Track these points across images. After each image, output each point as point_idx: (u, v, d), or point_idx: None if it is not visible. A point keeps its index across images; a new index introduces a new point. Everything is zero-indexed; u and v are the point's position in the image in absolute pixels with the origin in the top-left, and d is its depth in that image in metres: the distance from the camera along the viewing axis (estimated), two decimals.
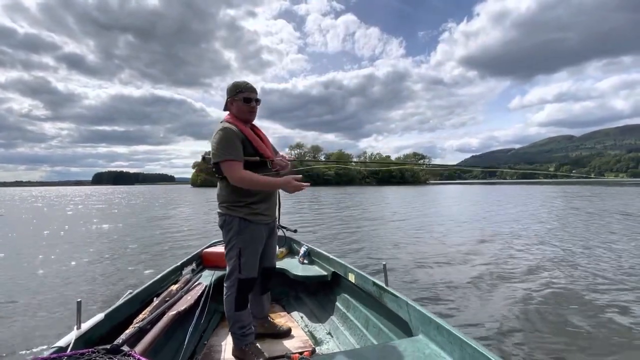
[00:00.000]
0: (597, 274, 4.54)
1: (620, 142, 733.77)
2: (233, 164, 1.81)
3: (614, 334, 2.86)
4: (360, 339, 2.16)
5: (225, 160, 1.81)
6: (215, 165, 1.87)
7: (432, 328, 1.57)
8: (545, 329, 2.92)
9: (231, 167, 1.81)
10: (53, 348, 1.35)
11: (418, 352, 1.47)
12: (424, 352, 1.47)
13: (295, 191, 1.87)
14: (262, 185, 1.85)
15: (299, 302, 2.94)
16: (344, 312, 2.47)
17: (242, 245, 1.91)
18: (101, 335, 1.64)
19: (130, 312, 1.92)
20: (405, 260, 5.30)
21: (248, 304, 2.02)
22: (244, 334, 1.98)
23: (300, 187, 1.87)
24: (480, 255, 5.65)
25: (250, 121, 2.02)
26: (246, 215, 1.90)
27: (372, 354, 1.49)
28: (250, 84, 1.97)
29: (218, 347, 2.18)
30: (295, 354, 1.95)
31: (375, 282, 2.13)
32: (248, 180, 1.81)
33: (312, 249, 3.25)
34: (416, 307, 1.72)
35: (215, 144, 1.83)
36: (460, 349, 1.37)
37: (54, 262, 5.94)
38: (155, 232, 9.33)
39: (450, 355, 1.43)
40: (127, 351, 1.29)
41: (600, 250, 6.14)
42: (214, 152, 1.84)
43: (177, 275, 2.74)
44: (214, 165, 1.88)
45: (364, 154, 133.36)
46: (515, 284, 4.08)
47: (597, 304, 3.49)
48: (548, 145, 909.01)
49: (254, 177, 1.82)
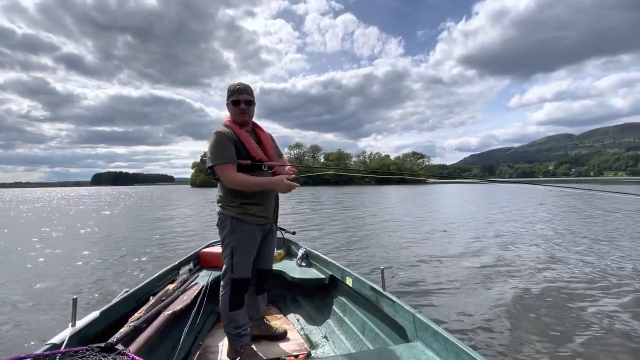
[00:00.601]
0: (598, 278, 4.51)
1: (619, 141, 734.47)
2: (225, 167, 1.86)
3: (614, 337, 2.84)
4: (356, 343, 2.14)
5: (218, 164, 1.86)
6: (210, 168, 1.91)
7: (428, 334, 1.55)
8: (545, 337, 2.87)
9: (223, 170, 1.86)
10: (47, 345, 1.35)
11: (414, 358, 1.46)
12: (419, 359, 1.46)
13: (287, 190, 1.91)
14: (254, 185, 1.89)
15: (296, 304, 2.93)
16: (341, 316, 2.45)
17: (234, 244, 1.93)
18: (96, 333, 1.64)
19: (125, 311, 1.92)
20: (403, 265, 5.26)
21: (243, 304, 2.02)
22: (239, 334, 1.98)
23: (292, 187, 1.90)
24: (479, 259, 5.57)
25: (245, 123, 2.03)
26: (238, 214, 1.92)
27: (368, 358, 1.48)
28: (239, 86, 1.98)
29: (213, 347, 2.18)
30: (290, 356, 1.96)
31: (372, 287, 2.11)
32: (239, 182, 1.86)
33: (310, 252, 3.24)
34: (413, 313, 1.70)
35: (209, 148, 1.89)
36: (457, 356, 1.35)
37: (51, 259, 5.95)
38: (153, 232, 9.32)
39: None
40: (121, 350, 1.28)
41: (603, 252, 6.15)
42: (208, 156, 1.91)
43: (174, 274, 2.74)
44: (209, 168, 1.93)
45: (363, 153, 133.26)
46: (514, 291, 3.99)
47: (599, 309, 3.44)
48: (547, 144, 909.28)
49: (245, 178, 1.86)
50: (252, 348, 1.99)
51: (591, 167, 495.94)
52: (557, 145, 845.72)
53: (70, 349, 1.21)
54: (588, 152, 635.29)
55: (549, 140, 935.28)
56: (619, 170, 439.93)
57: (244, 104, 1.96)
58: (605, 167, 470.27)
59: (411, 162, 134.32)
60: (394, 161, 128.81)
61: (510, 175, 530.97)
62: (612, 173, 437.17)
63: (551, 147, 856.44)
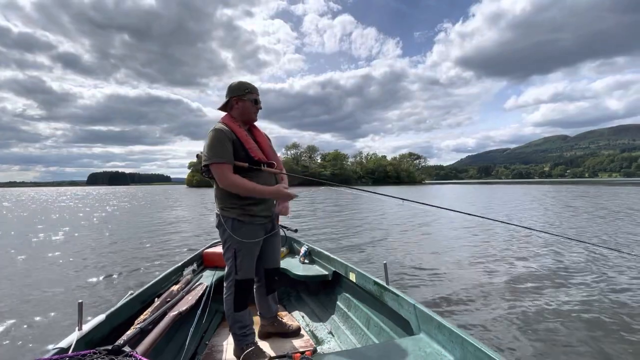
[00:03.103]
0: (599, 274, 4.55)
1: (613, 142, 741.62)
2: (221, 166, 1.80)
3: (615, 331, 2.86)
4: (362, 338, 2.15)
5: (214, 163, 1.80)
6: (205, 167, 1.85)
7: (433, 327, 1.57)
8: (548, 327, 2.92)
9: (220, 170, 1.80)
10: (55, 349, 1.34)
11: (419, 351, 1.47)
12: (425, 351, 1.46)
13: (287, 200, 1.91)
14: (251, 192, 1.84)
15: (300, 301, 2.93)
16: (345, 312, 2.46)
17: (236, 246, 1.90)
18: (102, 336, 1.62)
19: (131, 313, 1.91)
20: (405, 259, 5.31)
21: (248, 304, 2.01)
22: (245, 334, 1.97)
23: (291, 196, 1.90)
24: (481, 253, 5.67)
25: (253, 121, 2.04)
26: (239, 216, 1.89)
27: (374, 353, 1.48)
28: (253, 85, 2.01)
29: (219, 347, 2.17)
30: (296, 353, 1.94)
31: (376, 281, 2.13)
32: (233, 184, 1.80)
33: (312, 249, 3.24)
34: (417, 306, 1.71)
35: (205, 145, 1.83)
36: (462, 347, 1.37)
37: (55, 263, 5.88)
38: (153, 233, 9.27)
39: (452, 353, 1.43)
40: (128, 352, 1.27)
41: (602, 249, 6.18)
42: (204, 154, 1.84)
43: (178, 275, 2.73)
44: (204, 167, 1.85)
45: (359, 154, 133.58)
46: (517, 283, 4.08)
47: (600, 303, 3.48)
48: (543, 145, 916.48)
49: (242, 182, 1.81)
50: (258, 346, 1.98)
51: (586, 168, 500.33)
52: (553, 147, 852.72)
53: (78, 353, 1.19)
54: (583, 153, 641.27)
55: (545, 142, 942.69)
56: (614, 171, 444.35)
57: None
58: (600, 169, 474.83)
59: (408, 163, 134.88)
60: (390, 162, 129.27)
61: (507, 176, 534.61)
62: (607, 174, 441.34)
63: (547, 148, 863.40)
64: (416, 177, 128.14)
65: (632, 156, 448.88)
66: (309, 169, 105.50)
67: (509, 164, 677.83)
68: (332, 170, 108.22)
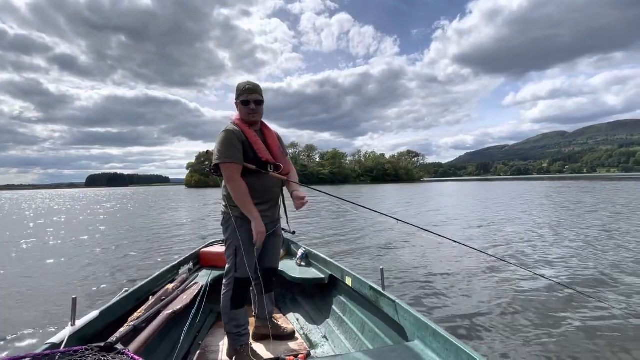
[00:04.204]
0: (599, 279, 4.50)
1: (611, 138, 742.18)
2: (230, 166, 1.85)
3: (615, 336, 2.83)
4: (356, 343, 2.14)
5: (223, 163, 1.85)
6: (215, 165, 1.89)
7: (428, 334, 1.55)
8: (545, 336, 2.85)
9: (228, 169, 1.85)
10: (46, 344, 1.34)
11: (413, 358, 1.45)
12: (419, 358, 1.45)
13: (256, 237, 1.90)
14: (241, 204, 1.87)
15: (295, 304, 2.93)
16: (340, 316, 2.45)
17: (237, 244, 1.92)
18: (95, 332, 1.63)
19: (125, 310, 1.91)
20: (402, 264, 5.25)
21: (245, 303, 2.02)
22: (240, 333, 1.98)
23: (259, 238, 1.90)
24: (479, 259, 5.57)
25: (254, 122, 2.01)
26: (242, 214, 1.91)
27: (367, 358, 1.47)
28: (249, 86, 1.96)
29: (213, 347, 2.17)
30: (290, 356, 1.95)
31: (372, 286, 2.11)
32: (237, 192, 1.85)
33: (309, 251, 3.22)
34: (412, 313, 1.70)
35: (216, 145, 1.88)
36: (456, 356, 1.35)
37: (50, 259, 5.88)
38: (151, 232, 9.26)
39: None
40: (120, 349, 1.27)
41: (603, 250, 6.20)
42: (214, 153, 1.89)
43: (174, 274, 2.73)
44: (214, 165, 1.90)
45: (358, 152, 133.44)
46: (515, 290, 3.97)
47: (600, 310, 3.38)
48: (541, 141, 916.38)
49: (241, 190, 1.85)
50: (251, 348, 1.99)
51: (584, 164, 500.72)
52: (551, 143, 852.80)
53: (70, 349, 1.20)
54: (581, 149, 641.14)
55: (543, 138, 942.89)
56: (612, 166, 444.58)
57: (254, 104, 1.95)
58: (598, 164, 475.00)
59: (406, 161, 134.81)
60: (389, 160, 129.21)
61: (505, 172, 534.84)
62: (605, 170, 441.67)
63: (545, 144, 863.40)
64: (415, 175, 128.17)
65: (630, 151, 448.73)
66: (308, 168, 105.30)
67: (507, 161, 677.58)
68: (330, 169, 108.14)
